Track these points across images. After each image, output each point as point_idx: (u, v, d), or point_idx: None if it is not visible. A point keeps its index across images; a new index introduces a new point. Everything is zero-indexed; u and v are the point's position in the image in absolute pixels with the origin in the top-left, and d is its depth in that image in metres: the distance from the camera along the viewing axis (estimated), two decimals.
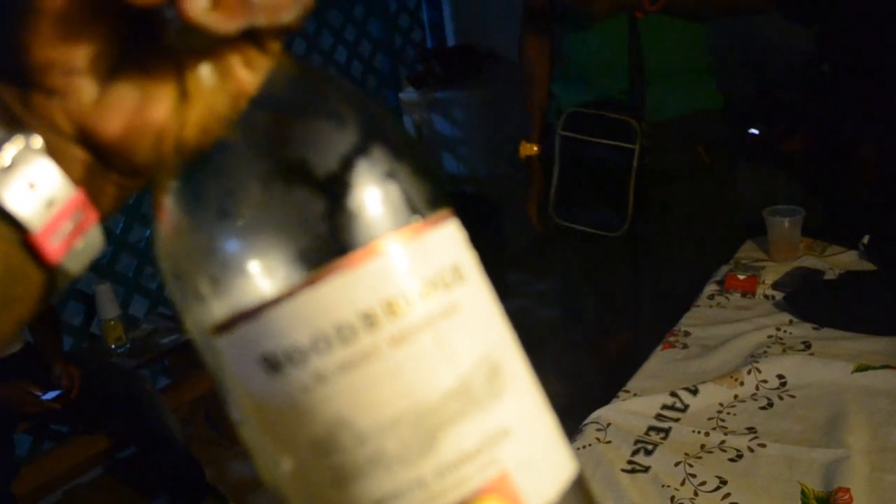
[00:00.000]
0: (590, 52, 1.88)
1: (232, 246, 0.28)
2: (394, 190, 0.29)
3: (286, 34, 0.30)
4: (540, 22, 2.03)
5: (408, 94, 4.06)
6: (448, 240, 0.31)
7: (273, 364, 0.28)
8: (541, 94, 2.07)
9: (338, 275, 0.28)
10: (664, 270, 1.99)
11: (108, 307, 2.78)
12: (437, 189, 0.31)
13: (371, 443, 0.28)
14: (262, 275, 0.28)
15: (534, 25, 2.05)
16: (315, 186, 0.28)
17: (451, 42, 4.37)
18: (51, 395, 2.23)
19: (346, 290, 0.28)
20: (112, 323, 2.79)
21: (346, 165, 0.28)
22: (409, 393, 0.28)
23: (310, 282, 0.28)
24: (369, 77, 4.04)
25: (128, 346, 2.81)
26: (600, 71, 1.88)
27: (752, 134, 2.82)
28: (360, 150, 0.29)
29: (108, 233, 2.90)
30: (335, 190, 0.28)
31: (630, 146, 1.82)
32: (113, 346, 2.77)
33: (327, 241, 0.28)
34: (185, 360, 2.80)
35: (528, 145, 2.11)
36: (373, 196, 0.29)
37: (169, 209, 0.29)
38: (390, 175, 0.29)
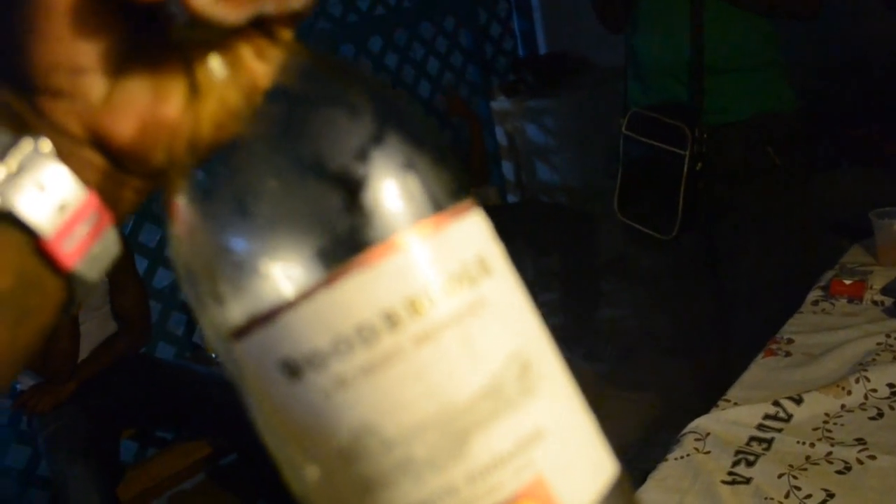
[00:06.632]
0: (652, 53, 1.89)
1: (245, 247, 0.27)
2: (412, 181, 0.28)
3: (297, 21, 0.28)
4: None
5: (500, 104, 4.06)
6: (472, 231, 0.29)
7: (293, 369, 0.26)
8: None
9: (356, 273, 0.26)
10: (745, 276, 1.94)
11: None
12: (459, 179, 0.29)
13: (398, 449, 0.26)
14: (277, 276, 0.26)
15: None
16: (329, 181, 0.27)
17: (542, 50, 4.35)
18: None
19: (366, 289, 0.26)
20: None
21: (361, 158, 0.27)
22: (436, 395, 0.26)
23: (327, 282, 0.26)
24: (462, 87, 4.04)
25: None
26: (662, 72, 1.88)
27: (856, 135, 2.73)
28: (375, 141, 0.27)
29: None
30: (350, 184, 0.27)
31: (681, 152, 1.80)
32: (213, 356, 2.84)
33: (344, 239, 0.26)
34: None
35: None
36: (390, 189, 0.27)
37: (181, 209, 0.28)
38: (408, 166, 0.28)
